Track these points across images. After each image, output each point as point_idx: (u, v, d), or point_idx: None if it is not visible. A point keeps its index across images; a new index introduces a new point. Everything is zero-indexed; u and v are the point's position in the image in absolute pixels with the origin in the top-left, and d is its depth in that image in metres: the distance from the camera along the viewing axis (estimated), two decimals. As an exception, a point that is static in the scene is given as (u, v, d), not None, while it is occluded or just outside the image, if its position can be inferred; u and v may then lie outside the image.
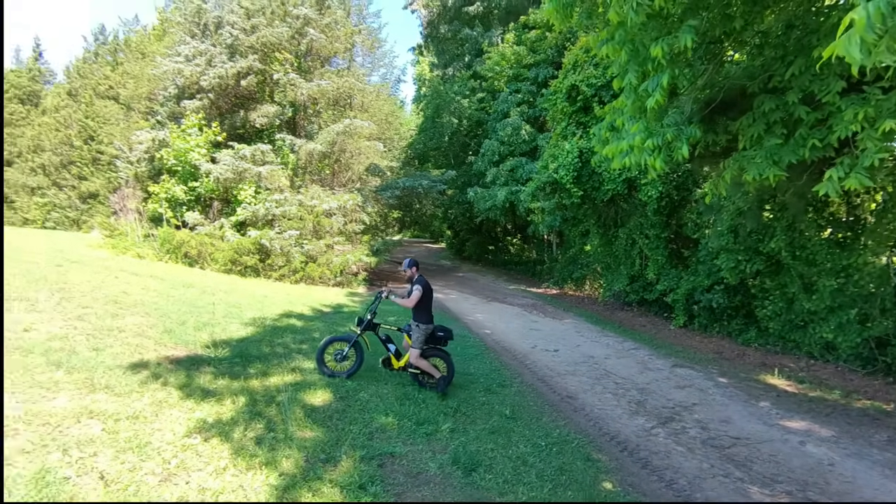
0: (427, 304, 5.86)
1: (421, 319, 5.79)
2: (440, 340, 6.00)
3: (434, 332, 5.93)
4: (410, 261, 6.15)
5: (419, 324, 5.78)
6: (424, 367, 5.81)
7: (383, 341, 6.14)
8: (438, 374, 5.85)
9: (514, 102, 18.41)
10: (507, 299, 14.57)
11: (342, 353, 6.01)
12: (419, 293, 5.70)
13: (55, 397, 3.97)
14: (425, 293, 5.80)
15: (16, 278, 7.30)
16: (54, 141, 28.42)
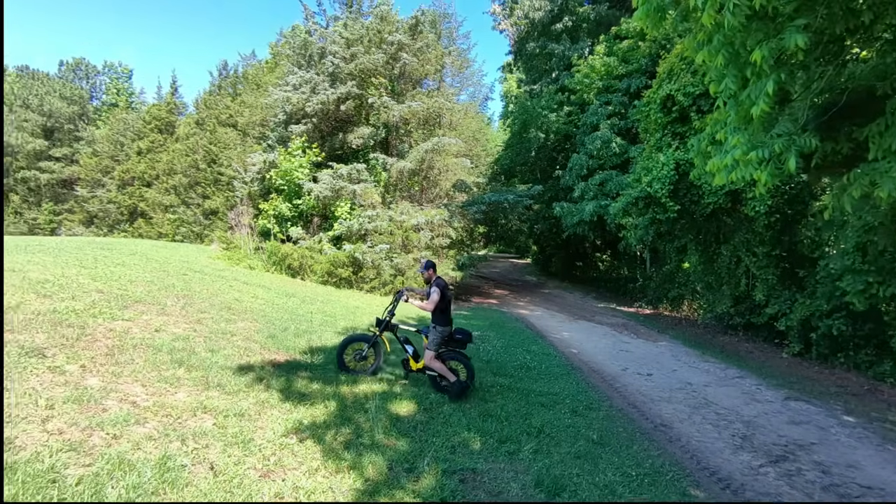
0: (445, 306, 5.79)
1: (439, 322, 5.76)
2: (459, 343, 5.93)
3: (452, 334, 5.86)
4: (427, 262, 6.08)
5: (436, 326, 5.76)
6: (439, 369, 5.76)
7: (401, 342, 6.17)
8: (454, 378, 5.77)
9: (605, 115, 17.84)
10: (596, 318, 13.99)
11: (361, 352, 6.16)
12: (437, 296, 5.64)
13: (176, 392, 4.49)
14: (443, 295, 5.72)
15: (150, 285, 8.40)
16: (184, 164, 32.46)
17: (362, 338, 6.35)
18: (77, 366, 4.39)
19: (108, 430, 3.49)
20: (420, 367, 6.00)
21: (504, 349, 9.13)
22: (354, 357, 6.22)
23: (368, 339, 6.22)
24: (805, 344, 9.26)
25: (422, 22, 19.85)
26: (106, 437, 3.41)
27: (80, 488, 2.77)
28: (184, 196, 32.06)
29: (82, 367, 4.41)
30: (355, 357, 6.22)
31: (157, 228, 33.28)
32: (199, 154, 31.41)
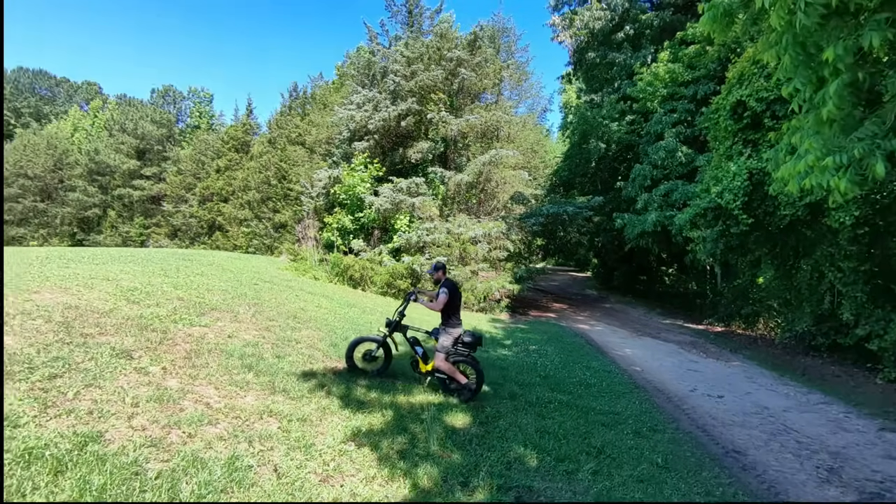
0: (455, 307, 5.79)
1: (448, 323, 5.76)
2: (469, 346, 5.87)
3: (462, 336, 5.82)
4: (437, 264, 6.14)
5: (446, 327, 5.75)
6: (449, 371, 5.73)
7: (411, 344, 6.16)
8: (465, 381, 5.70)
9: (669, 123, 17.12)
10: (661, 335, 13.32)
11: (371, 353, 6.20)
12: (445, 296, 5.65)
13: (245, 395, 4.76)
14: (452, 296, 5.72)
15: (225, 293, 8.98)
16: (257, 181, 34.62)
17: (372, 339, 6.41)
18: (159, 367, 4.77)
19: (184, 428, 3.75)
20: (429, 368, 6.01)
21: (562, 365, 8.90)
22: (364, 357, 6.32)
23: (378, 340, 6.30)
24: (904, 369, 8.32)
25: (480, 37, 20.12)
26: (182, 435, 3.67)
27: (159, 482, 3.00)
28: (256, 210, 34.15)
29: (163, 368, 4.78)
30: (365, 357, 6.31)
31: (233, 241, 35.62)
32: (271, 171, 33.39)
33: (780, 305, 12.15)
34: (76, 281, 7.06)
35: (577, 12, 23.28)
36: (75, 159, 47.59)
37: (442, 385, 6.01)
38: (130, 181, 45.80)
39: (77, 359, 4.34)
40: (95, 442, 3.22)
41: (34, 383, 3.72)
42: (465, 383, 5.80)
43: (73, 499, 2.64)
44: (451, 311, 5.85)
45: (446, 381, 5.94)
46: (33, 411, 3.36)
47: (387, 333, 6.26)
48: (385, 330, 6.29)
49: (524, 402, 6.15)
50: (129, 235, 44.24)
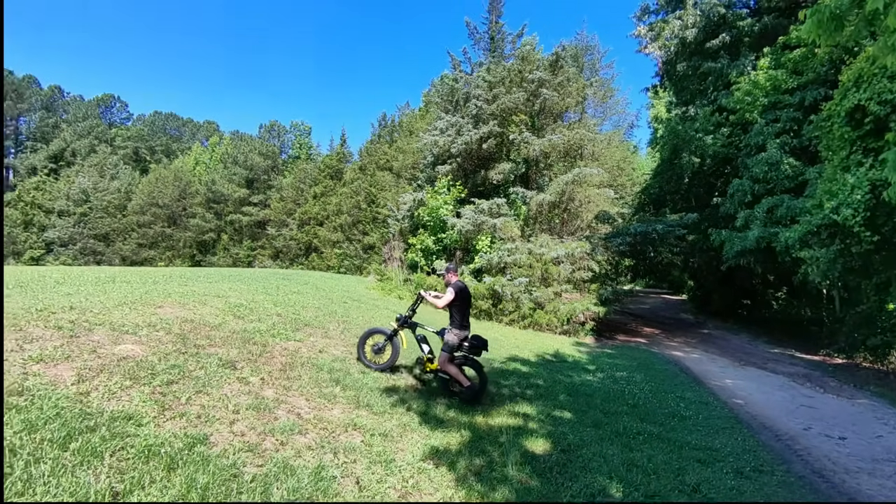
0: (462, 309, 5.95)
1: (454, 324, 5.90)
2: (473, 350, 5.98)
3: (467, 339, 5.95)
4: (448, 266, 6.40)
5: (452, 328, 5.88)
6: (453, 373, 5.81)
7: (419, 341, 6.23)
8: (468, 383, 5.77)
9: (772, 133, 15.64)
10: (769, 365, 12.00)
11: (379, 345, 6.38)
12: (451, 295, 5.83)
13: (333, 408, 5.02)
14: (458, 296, 5.87)
15: (317, 311, 9.59)
16: (349, 205, 36.77)
17: (382, 331, 6.62)
18: (258, 378, 5.20)
19: (277, 436, 4.05)
20: (435, 367, 6.10)
21: (652, 394, 8.34)
22: (373, 349, 6.53)
23: (387, 334, 6.49)
24: None
25: (562, 57, 20.01)
26: (275, 442, 3.96)
27: (253, 485, 3.26)
28: (347, 233, 36.21)
29: (262, 379, 5.20)
30: (373, 349, 6.52)
31: (326, 261, 37.97)
32: (361, 196, 35.34)
33: (921, 336, 10.45)
34: (192, 297, 7.93)
35: (667, 21, 22.32)
36: (196, 189, 53.82)
37: (444, 385, 6.13)
38: (240, 208, 50.86)
39: (190, 367, 4.87)
40: (202, 444, 3.57)
41: (155, 387, 4.23)
42: (470, 385, 5.90)
43: (181, 495, 2.95)
44: (458, 313, 6.00)
45: (448, 382, 6.06)
46: (153, 412, 3.81)
47: (396, 328, 6.45)
48: (395, 325, 6.47)
49: (610, 432, 5.84)
50: (238, 256, 48.92)
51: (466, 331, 6.08)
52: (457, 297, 5.95)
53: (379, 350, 6.58)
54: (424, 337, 6.55)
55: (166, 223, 51.42)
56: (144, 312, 6.31)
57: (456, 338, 5.97)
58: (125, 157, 66.25)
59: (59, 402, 3.50)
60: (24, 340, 4.47)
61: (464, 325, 6.04)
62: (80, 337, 4.88)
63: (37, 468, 2.73)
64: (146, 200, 50.97)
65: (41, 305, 5.70)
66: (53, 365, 4.11)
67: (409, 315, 6.57)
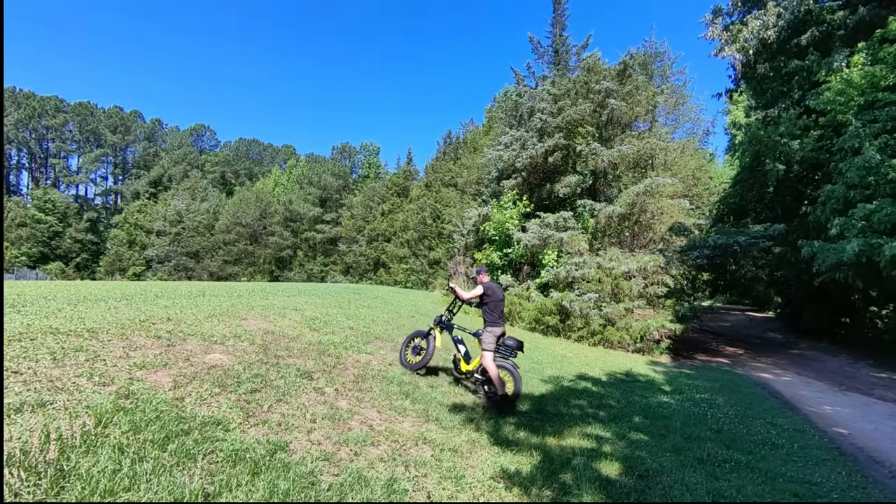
0: (493, 308, 6.14)
1: (488, 324, 6.09)
2: (509, 350, 6.09)
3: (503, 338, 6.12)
4: (478, 269, 6.59)
5: (486, 327, 6.05)
6: (493, 374, 5.83)
7: (455, 342, 6.29)
8: (502, 391, 5.80)
9: (870, 134, 14.06)
10: (875, 391, 10.71)
11: (418, 346, 6.48)
12: (479, 290, 6.15)
13: (403, 420, 5.09)
14: (486, 293, 6.13)
15: (387, 324, 9.83)
16: (415, 221, 37.60)
17: (422, 333, 6.76)
18: (333, 389, 5.39)
19: (351, 446, 4.16)
20: (471, 368, 6.31)
21: (738, 419, 7.69)
22: (412, 351, 6.62)
23: (424, 334, 6.63)
24: None
25: (630, 66, 19.43)
26: (350, 452, 4.07)
27: (330, 493, 3.36)
28: (414, 248, 36.97)
29: (336, 390, 5.39)
30: (412, 352, 6.61)
31: (394, 276, 38.94)
32: (427, 212, 36.04)
33: None
34: (273, 311, 8.42)
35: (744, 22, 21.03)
36: (275, 209, 57.46)
37: (480, 388, 6.16)
38: (314, 226, 53.65)
39: (271, 376, 5.14)
40: (282, 451, 3.74)
41: (240, 395, 4.50)
42: (502, 395, 5.90)
43: (264, 499, 3.10)
44: (489, 312, 6.19)
45: (485, 385, 6.10)
46: (239, 419, 4.05)
47: (432, 327, 6.63)
48: (432, 325, 6.64)
49: (692, 458, 5.45)
50: (312, 272, 51.44)
51: (499, 328, 6.22)
52: (484, 293, 6.23)
53: (418, 351, 6.73)
54: (461, 338, 6.71)
55: (248, 241, 55.23)
56: (231, 324, 6.77)
57: (492, 335, 6.12)
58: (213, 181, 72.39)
59: (158, 406, 3.82)
60: (130, 348, 4.94)
61: (495, 322, 6.20)
62: (175, 346, 5.32)
63: (140, 466, 2.98)
64: (231, 220, 55.12)
65: (143, 317, 6.28)
66: (154, 371, 4.50)
67: (448, 317, 6.74)
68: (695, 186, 25.58)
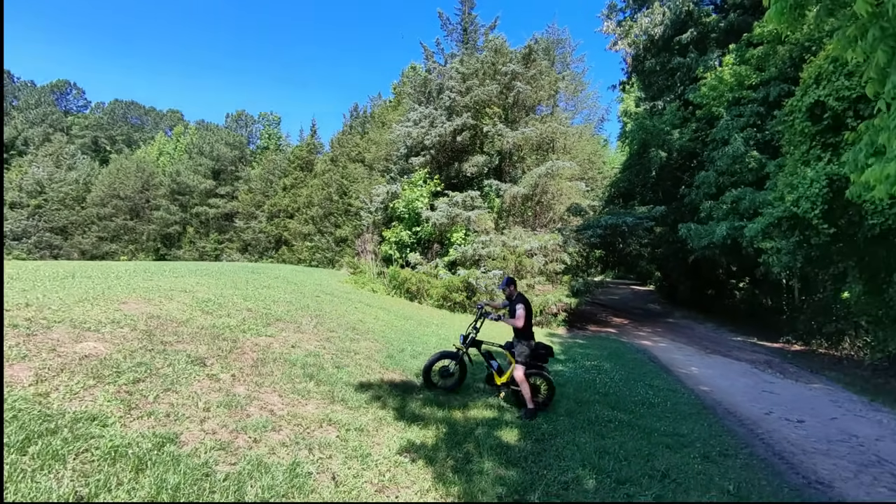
0: (530, 319, 5.87)
1: (523, 336, 5.82)
2: (541, 358, 6.02)
3: (536, 349, 5.93)
4: (508, 279, 6.21)
5: (521, 340, 5.81)
6: (526, 389, 5.70)
7: (486, 358, 6.20)
8: (532, 405, 5.72)
9: (737, 127, 16.17)
10: (732, 353, 12.47)
11: (448, 369, 6.26)
12: (524, 311, 5.73)
13: (307, 403, 4.95)
14: (528, 310, 5.82)
15: (289, 305, 9.41)
16: (320, 197, 36.17)
17: (450, 354, 6.42)
18: (229, 375, 5.07)
19: (250, 433, 3.96)
20: (504, 380, 6.06)
21: (623, 382, 8.54)
22: (440, 373, 6.34)
23: (455, 356, 6.34)
24: None
25: (535, 50, 20.08)
26: (248, 440, 3.87)
27: (226, 484, 3.18)
28: (319, 225, 35.64)
29: (232, 376, 5.07)
30: (441, 373, 6.34)
31: (297, 255, 37.32)
32: (333, 188, 34.81)
33: (870, 323, 11.02)
34: (158, 293, 7.67)
35: (635, 19, 22.71)
36: (160, 181, 51.97)
37: (516, 398, 6.03)
38: (207, 200, 49.38)
39: (157, 364, 4.70)
40: (172, 443, 3.46)
41: (120, 386, 4.07)
42: (535, 406, 5.84)
43: (150, 496, 2.85)
44: (528, 324, 5.92)
45: (519, 395, 5.95)
46: (119, 412, 3.67)
47: (463, 349, 6.30)
48: (461, 346, 6.31)
49: (582, 420, 5.95)
50: (205, 250, 47.55)
51: (534, 340, 6.04)
52: (528, 311, 5.86)
53: (448, 374, 6.36)
54: (490, 353, 6.41)
55: (128, 216, 49.51)
56: (107, 309, 6.06)
57: (528, 348, 5.89)
58: (83, 147, 63.33)
59: (15, 405, 3.32)
60: (-24, 339, 4.22)
61: (532, 335, 5.99)
62: (37, 335, 4.64)
63: (-8, 474, 2.59)
64: (107, 192, 48.91)
65: (-7, 302, 5.39)
66: (8, 365, 3.90)
67: (475, 334, 6.32)
68: (590, 170, 27.45)
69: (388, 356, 7.69)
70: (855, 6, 3.60)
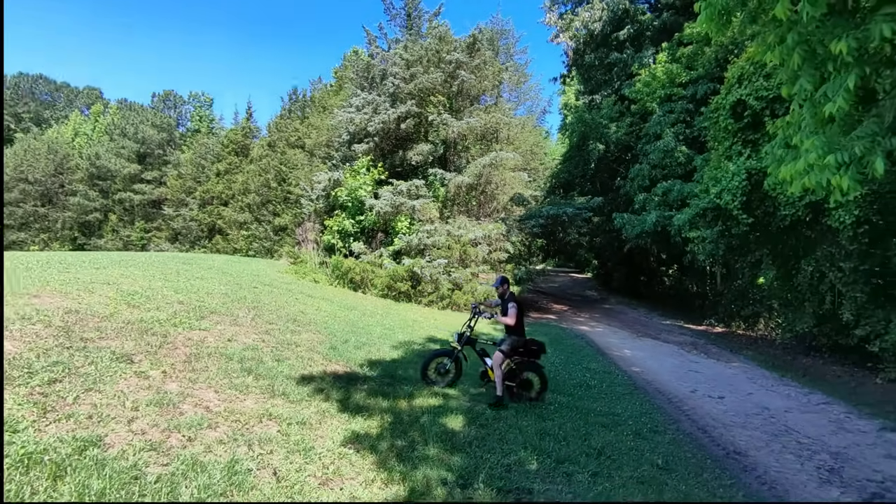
0: (521, 317, 6.09)
1: (515, 333, 6.03)
2: (534, 354, 6.17)
3: (528, 345, 6.13)
4: (501, 278, 6.39)
5: (511, 336, 6.05)
6: (498, 375, 5.90)
7: (480, 354, 6.40)
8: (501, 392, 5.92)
9: (668, 123, 17.15)
10: (662, 336, 13.31)
11: (444, 366, 6.43)
12: (516, 310, 5.91)
13: (245, 398, 4.76)
14: (520, 308, 6.04)
15: (225, 297, 8.99)
16: (257, 184, 34.62)
17: (445, 352, 6.65)
18: (159, 371, 4.77)
19: (184, 432, 3.76)
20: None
21: (563, 366, 8.90)
22: (437, 370, 6.52)
23: (450, 354, 6.53)
24: (905, 369, 8.31)
25: (479, 40, 20.15)
26: (182, 438, 3.68)
27: (158, 486, 3.00)
28: (256, 213, 34.15)
29: (163, 372, 4.79)
30: (438, 370, 6.52)
31: (233, 244, 35.62)
32: (271, 174, 33.40)
33: (781, 306, 12.14)
34: (76, 285, 7.07)
35: (576, 13, 23.33)
36: (76, 164, 47.69)
37: (510, 392, 6.18)
38: (131, 185, 45.88)
39: (77, 363, 4.35)
40: (95, 446, 3.22)
41: (34, 388, 3.72)
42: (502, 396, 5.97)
43: (72, 503, 2.64)
44: (520, 322, 6.10)
45: (514, 389, 6.14)
46: (32, 416, 3.36)
47: (458, 347, 6.46)
48: (456, 344, 6.48)
49: (524, 405, 6.14)
50: (130, 239, 44.29)
51: (524, 337, 6.19)
52: (519, 309, 6.05)
53: (445, 371, 6.52)
54: (484, 350, 6.57)
55: (39, 201, 45.16)
56: (16, 304, 5.51)
57: (514, 342, 6.05)
58: (-18, 124, 56.77)
59: None
60: None
61: (522, 331, 6.15)
62: (-71, 334, 4.15)
63: None
64: (13, 175, 44.28)
65: None
66: None
67: (469, 332, 6.49)
68: (533, 161, 28.09)
69: (332, 347, 7.55)
70: (775, 10, 3.89)
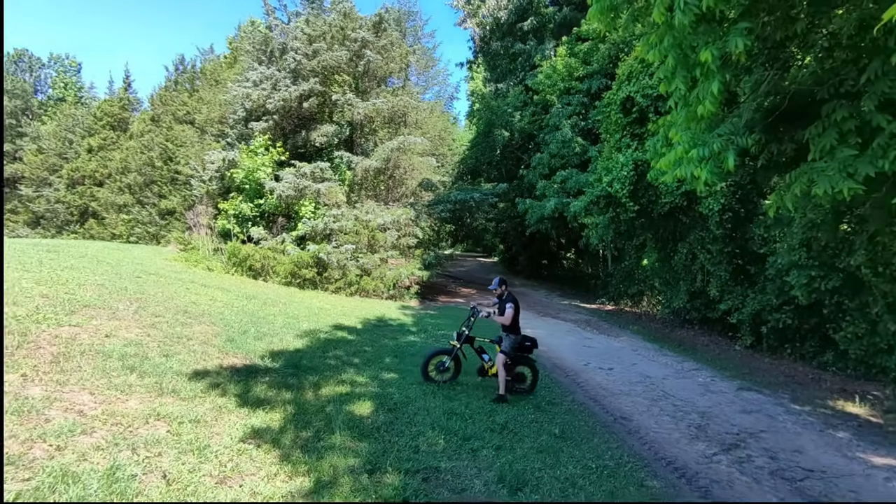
0: (517, 316, 6.30)
1: (511, 331, 6.20)
2: (527, 349, 6.46)
3: (522, 341, 6.38)
4: (500, 279, 6.58)
5: (509, 334, 6.21)
6: (502, 376, 6.10)
7: (478, 352, 6.61)
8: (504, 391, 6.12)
9: (566, 115, 18.20)
10: (560, 315, 14.26)
11: (444, 364, 6.56)
12: (513, 310, 6.09)
13: (128, 399, 4.30)
14: (517, 308, 6.23)
15: (101, 288, 8.01)
16: (139, 162, 31.09)
17: (445, 351, 6.77)
18: (17, 375, 4.15)
19: (50, 441, 3.32)
20: (494, 371, 6.40)
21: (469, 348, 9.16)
22: (437, 368, 6.57)
23: (450, 352, 6.64)
24: (756, 337, 9.73)
25: (386, 20, 19.71)
26: (48, 448, 3.24)
27: (18, 505, 2.62)
28: (139, 195, 30.71)
29: (23, 376, 4.17)
30: (438, 368, 6.57)
31: (111, 229, 31.76)
32: (155, 152, 30.15)
33: (661, 285, 13.57)
34: None
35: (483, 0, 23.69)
36: None
37: (507, 386, 6.24)
38: (-25, 160, 38.90)
39: None
40: (-72, 468, 2.72)
41: None
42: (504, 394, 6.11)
43: None
44: (516, 322, 6.25)
45: (510, 383, 6.26)
46: None
47: (457, 346, 6.56)
48: (456, 342, 6.57)
49: (432, 387, 6.26)
50: (-25, 224, 37.70)
51: (520, 335, 6.33)
52: (516, 309, 6.15)
53: (444, 369, 6.60)
54: (482, 347, 6.70)
55: None
56: None
57: (514, 341, 6.20)
58: None
59: None
60: None
61: (518, 330, 6.29)
62: None
63: None
64: None
65: None
66: None
67: (468, 331, 6.57)
68: (441, 146, 28.28)
69: (229, 339, 7.07)
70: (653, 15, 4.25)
